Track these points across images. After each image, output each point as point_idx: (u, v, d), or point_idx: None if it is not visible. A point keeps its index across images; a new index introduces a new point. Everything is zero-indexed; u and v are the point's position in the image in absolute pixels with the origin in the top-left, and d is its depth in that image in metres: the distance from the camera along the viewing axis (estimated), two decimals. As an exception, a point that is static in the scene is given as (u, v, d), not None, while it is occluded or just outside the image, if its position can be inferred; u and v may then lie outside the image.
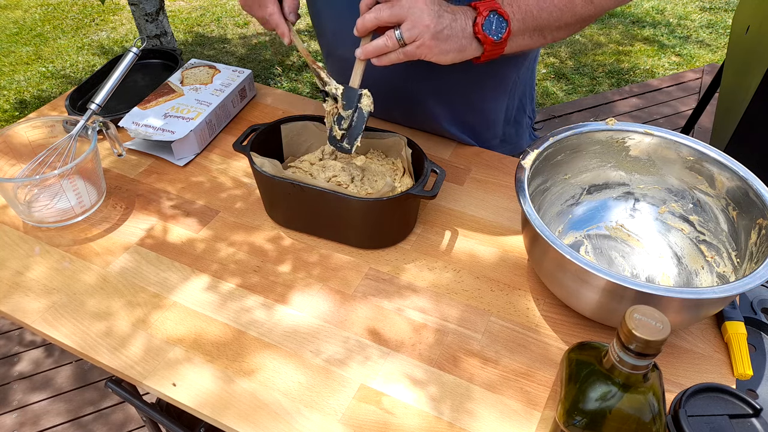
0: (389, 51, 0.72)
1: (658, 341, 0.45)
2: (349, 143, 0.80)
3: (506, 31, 0.72)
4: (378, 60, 0.73)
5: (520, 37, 0.75)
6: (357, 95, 0.78)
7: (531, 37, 0.76)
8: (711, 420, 0.57)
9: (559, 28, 0.77)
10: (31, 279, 0.76)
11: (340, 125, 0.79)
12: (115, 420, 1.60)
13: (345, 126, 0.79)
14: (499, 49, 0.73)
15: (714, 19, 3.64)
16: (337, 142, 0.81)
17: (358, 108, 0.78)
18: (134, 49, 0.91)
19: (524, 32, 0.75)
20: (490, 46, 0.72)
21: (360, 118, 0.79)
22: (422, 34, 0.69)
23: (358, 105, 0.78)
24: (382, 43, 0.71)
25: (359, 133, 0.79)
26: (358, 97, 0.78)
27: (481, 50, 0.73)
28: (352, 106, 0.78)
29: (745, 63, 1.68)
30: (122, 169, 0.94)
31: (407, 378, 0.66)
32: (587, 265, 0.62)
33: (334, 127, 0.80)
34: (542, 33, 0.77)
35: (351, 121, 0.79)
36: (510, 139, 1.06)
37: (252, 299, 0.74)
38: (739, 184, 0.72)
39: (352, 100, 0.78)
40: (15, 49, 3.25)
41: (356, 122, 0.79)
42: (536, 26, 0.75)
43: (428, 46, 0.70)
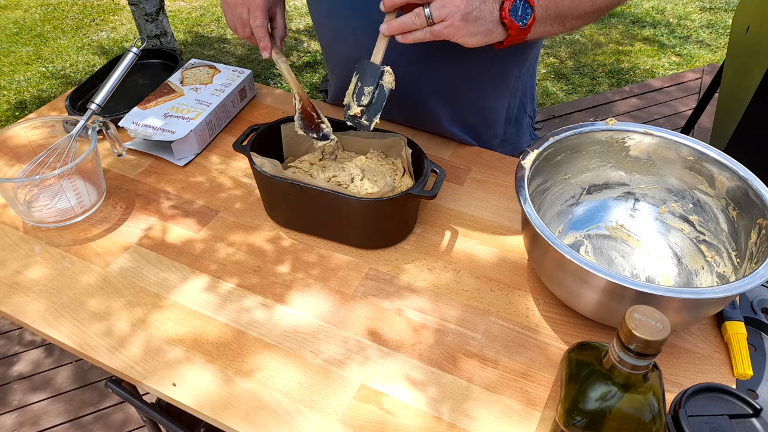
0: (416, 29, 0.70)
1: (658, 341, 0.45)
2: (368, 119, 0.79)
3: (531, 18, 0.72)
4: (403, 37, 0.72)
5: (542, 23, 0.75)
6: (379, 71, 0.77)
7: (552, 24, 0.76)
8: (711, 420, 0.57)
9: (578, 17, 0.77)
10: (31, 279, 0.76)
11: (359, 101, 0.78)
12: (115, 420, 1.60)
13: (365, 102, 0.78)
14: (524, 35, 0.73)
15: (714, 19, 3.64)
16: (355, 118, 0.79)
17: (380, 85, 0.77)
18: (134, 49, 0.91)
19: (547, 19, 0.75)
20: (515, 31, 0.72)
21: (381, 94, 0.78)
22: (452, 14, 0.68)
23: (380, 82, 0.77)
24: (410, 20, 0.70)
25: (380, 109, 0.78)
26: (380, 74, 0.77)
27: (505, 35, 0.73)
28: (374, 82, 0.77)
29: (745, 63, 1.68)
30: (122, 169, 0.94)
31: (407, 378, 0.66)
32: (587, 265, 0.62)
33: (352, 103, 0.78)
34: (563, 21, 0.77)
35: (372, 98, 0.78)
36: (510, 138, 1.06)
37: (252, 299, 0.74)
38: (739, 184, 0.72)
39: (374, 76, 0.77)
40: (15, 49, 3.25)
41: (377, 99, 0.78)
42: (558, 13, 0.75)
43: (456, 27, 0.69)
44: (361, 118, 0.79)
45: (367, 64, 0.77)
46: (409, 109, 0.98)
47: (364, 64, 0.77)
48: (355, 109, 0.78)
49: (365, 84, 0.77)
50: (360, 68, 0.78)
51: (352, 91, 0.78)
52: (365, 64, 0.77)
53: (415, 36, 0.71)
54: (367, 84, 0.77)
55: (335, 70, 1.02)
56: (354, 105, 0.78)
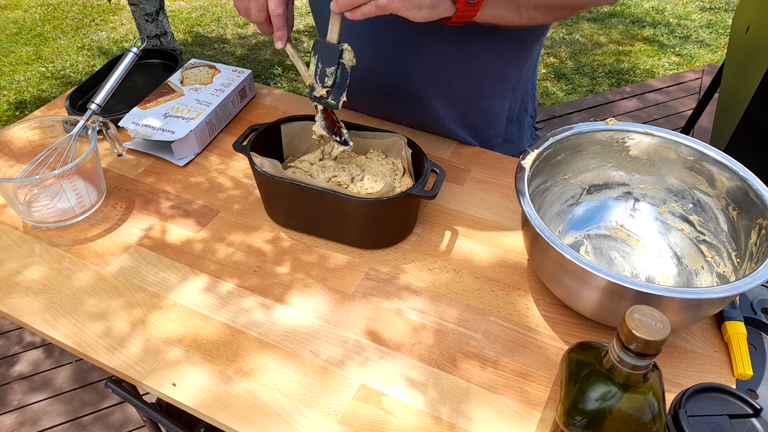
0: (362, 3, 0.69)
1: (658, 341, 0.45)
2: (335, 99, 0.78)
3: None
4: (351, 14, 0.70)
5: (494, 5, 0.73)
6: (338, 51, 0.76)
7: (506, 9, 0.75)
8: (711, 420, 0.57)
9: (537, 8, 0.76)
10: (31, 279, 0.76)
11: (323, 83, 0.78)
12: (115, 421, 1.60)
13: (329, 83, 0.77)
14: (472, 11, 0.71)
15: (714, 19, 3.64)
16: (321, 99, 0.79)
17: (341, 64, 0.77)
18: (134, 49, 0.91)
19: (500, 1, 0.73)
20: (463, 5, 0.70)
21: (344, 73, 0.77)
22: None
23: (341, 61, 0.76)
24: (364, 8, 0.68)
25: (345, 87, 0.78)
26: (340, 53, 0.76)
27: (453, 10, 0.71)
28: (335, 62, 0.76)
29: (745, 63, 1.68)
30: (122, 169, 0.94)
31: (407, 378, 0.66)
32: (587, 265, 0.62)
33: (316, 85, 0.78)
34: (518, 8, 0.75)
35: (335, 78, 0.77)
36: (512, 138, 1.06)
37: (251, 299, 0.74)
38: (739, 184, 0.72)
39: (333, 56, 0.76)
40: (15, 49, 3.25)
41: (340, 78, 0.77)
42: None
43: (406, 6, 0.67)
44: (328, 98, 0.78)
45: (324, 45, 0.76)
46: (412, 109, 0.98)
47: (322, 45, 0.76)
48: (321, 90, 0.78)
49: (326, 65, 0.77)
50: (318, 49, 0.77)
51: (313, 72, 0.78)
52: (322, 44, 0.76)
53: (363, 11, 0.69)
54: (328, 65, 0.77)
55: None
56: (318, 86, 0.78)
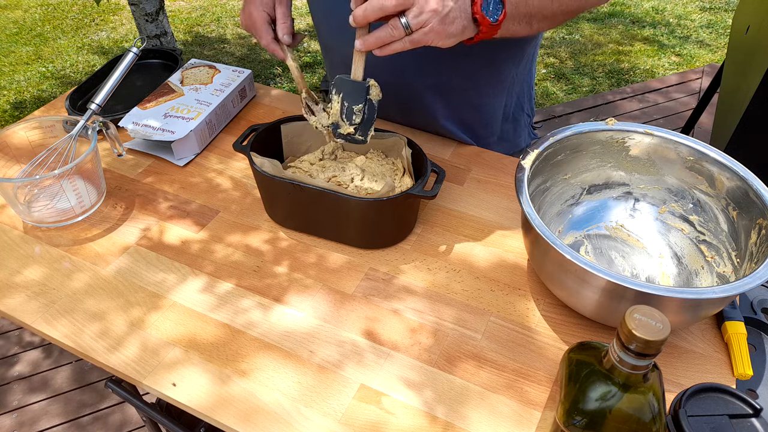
0: (394, 41, 0.69)
1: (658, 341, 0.45)
2: (363, 134, 0.78)
3: (502, 14, 0.70)
4: (381, 51, 0.70)
5: (511, 21, 0.74)
6: (365, 88, 0.76)
7: (520, 24, 0.76)
8: (711, 420, 0.57)
9: (545, 18, 0.77)
10: (31, 279, 0.76)
11: (351, 120, 0.78)
12: (114, 421, 1.60)
13: (357, 120, 0.77)
14: (494, 31, 0.72)
15: (714, 19, 3.64)
16: (348, 136, 0.79)
17: (368, 100, 0.77)
18: (134, 49, 0.91)
19: (516, 17, 0.74)
20: (487, 27, 0.70)
21: (371, 109, 0.77)
22: (430, 19, 0.66)
23: (368, 97, 0.76)
24: (387, 33, 0.68)
25: (372, 122, 0.78)
26: (366, 90, 0.76)
27: (477, 31, 0.71)
28: (363, 99, 0.76)
29: (745, 63, 1.68)
30: (122, 169, 0.94)
31: (407, 378, 0.66)
32: (587, 265, 0.61)
33: (341, 122, 0.78)
34: (530, 20, 0.77)
35: (363, 115, 0.77)
36: (508, 136, 1.06)
37: (251, 299, 0.74)
38: (739, 184, 0.72)
39: (360, 94, 0.76)
40: (15, 49, 3.25)
41: (368, 114, 0.77)
42: (526, 13, 0.75)
43: (437, 32, 0.67)
44: (355, 134, 0.78)
45: (349, 82, 0.76)
46: (407, 107, 0.98)
47: (345, 83, 0.76)
48: (348, 128, 0.78)
49: (353, 103, 0.77)
50: (341, 86, 0.77)
51: (338, 110, 0.78)
52: (346, 82, 0.76)
53: (394, 47, 0.69)
54: (355, 103, 0.77)
55: (335, 67, 1.02)
56: (345, 124, 0.78)
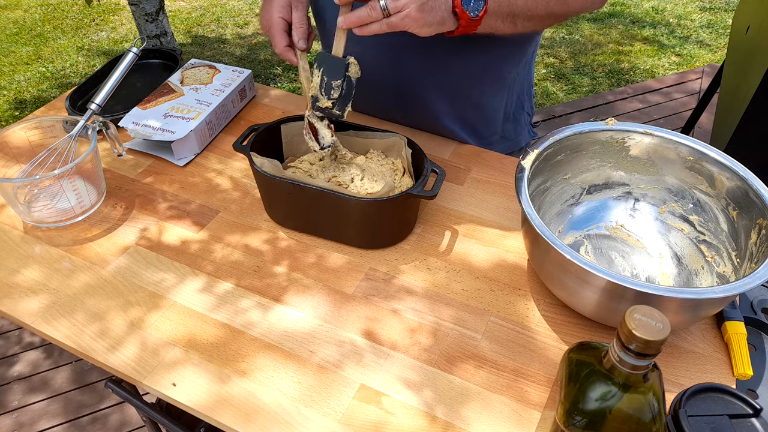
0: (372, 21, 0.70)
1: (658, 341, 0.45)
2: (341, 109, 0.80)
3: (483, 10, 0.72)
4: (359, 30, 0.71)
5: (493, 18, 0.75)
6: (345, 64, 0.77)
7: (503, 22, 0.77)
8: (711, 420, 0.57)
9: (530, 18, 0.78)
10: (31, 279, 0.76)
11: (329, 95, 0.79)
12: (113, 421, 1.60)
13: (335, 95, 0.79)
14: (474, 26, 0.73)
15: (714, 19, 3.64)
16: (326, 110, 0.80)
17: (347, 77, 0.78)
18: (134, 49, 0.91)
19: (498, 15, 0.75)
20: (466, 21, 0.72)
21: (349, 85, 0.79)
22: (408, 4, 0.68)
23: (347, 74, 0.78)
24: (366, 13, 0.69)
25: (350, 98, 0.79)
26: (346, 66, 0.77)
27: (456, 25, 0.72)
28: (342, 75, 0.78)
29: (745, 63, 1.68)
30: (122, 169, 0.94)
31: (407, 378, 0.66)
32: (587, 265, 0.61)
33: (320, 96, 0.79)
34: (514, 20, 0.77)
35: (341, 90, 0.79)
36: (509, 135, 1.06)
37: (251, 299, 0.74)
38: (739, 184, 0.72)
39: (340, 70, 0.78)
40: (15, 49, 3.25)
41: (346, 90, 0.79)
42: (510, 12, 0.76)
43: (413, 18, 0.69)
44: (333, 109, 0.80)
45: (330, 58, 0.77)
46: (409, 107, 0.98)
47: (327, 58, 0.78)
48: (326, 102, 0.79)
49: (333, 78, 0.78)
50: (323, 62, 0.78)
51: (317, 84, 0.79)
52: (328, 57, 0.78)
53: (372, 29, 0.70)
54: (334, 78, 0.78)
55: None
56: (323, 98, 0.79)
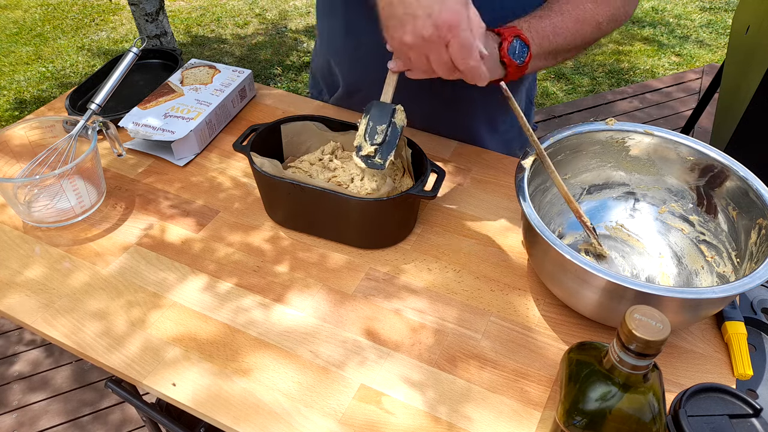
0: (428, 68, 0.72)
1: (658, 341, 0.45)
2: (383, 158, 0.77)
3: (528, 56, 0.76)
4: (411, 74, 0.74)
5: (536, 60, 0.78)
6: (391, 110, 0.77)
7: (545, 60, 0.81)
8: (711, 420, 0.57)
9: (569, 50, 0.82)
10: (31, 279, 0.76)
11: (372, 140, 0.77)
12: (114, 421, 1.60)
13: (378, 141, 0.77)
14: (521, 72, 0.77)
15: (714, 19, 3.64)
16: (368, 158, 0.78)
17: (392, 122, 0.77)
18: (134, 49, 0.91)
19: (540, 56, 0.79)
20: (514, 69, 0.75)
21: (394, 132, 0.77)
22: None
23: (392, 120, 0.77)
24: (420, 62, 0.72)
25: (393, 146, 0.77)
26: (392, 112, 0.77)
27: (504, 73, 0.76)
28: (387, 120, 0.77)
29: (745, 63, 1.68)
30: (122, 169, 0.94)
31: (407, 378, 0.66)
32: (587, 265, 0.62)
33: (364, 143, 0.77)
34: (555, 56, 0.81)
35: (385, 136, 0.77)
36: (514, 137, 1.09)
37: (251, 299, 0.74)
38: (739, 184, 0.72)
39: (385, 115, 0.77)
40: (15, 49, 3.25)
41: (390, 136, 0.77)
42: (551, 50, 0.79)
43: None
44: (375, 157, 0.77)
45: (377, 104, 0.78)
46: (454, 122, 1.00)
47: (375, 105, 0.78)
48: (368, 148, 0.77)
49: (377, 123, 0.77)
50: (370, 108, 0.78)
51: (363, 131, 0.78)
52: (376, 104, 0.78)
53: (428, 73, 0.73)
54: (379, 123, 0.77)
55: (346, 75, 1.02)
56: (366, 145, 0.77)
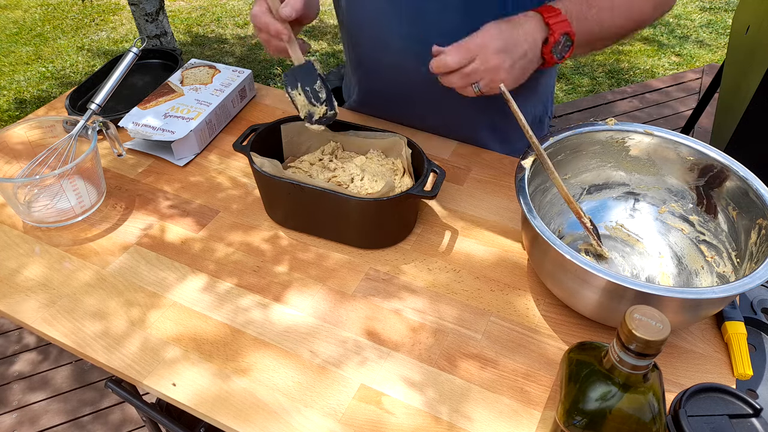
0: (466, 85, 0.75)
1: (658, 341, 0.45)
2: (331, 107, 0.81)
3: (569, 51, 0.75)
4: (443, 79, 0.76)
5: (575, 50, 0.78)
6: (312, 65, 0.79)
7: (582, 49, 0.79)
8: (711, 420, 0.57)
9: (604, 44, 0.81)
10: (31, 279, 0.76)
11: (319, 100, 0.80)
12: (114, 420, 1.60)
13: (323, 97, 0.80)
14: (554, 63, 0.76)
15: (714, 19, 3.64)
16: (323, 118, 0.81)
17: (319, 75, 0.80)
18: (134, 49, 0.91)
19: (579, 47, 0.78)
20: (550, 64, 0.76)
21: (325, 82, 0.80)
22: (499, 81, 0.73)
23: (318, 73, 0.80)
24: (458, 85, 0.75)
25: (331, 93, 0.81)
26: (314, 67, 0.80)
27: (540, 64, 0.76)
28: (316, 77, 0.80)
29: (745, 63, 1.68)
30: (122, 169, 0.94)
31: (407, 378, 0.66)
32: (587, 265, 0.61)
33: (312, 108, 0.80)
34: (591, 47, 0.80)
35: (326, 90, 0.80)
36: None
37: (251, 299, 0.74)
38: (739, 184, 0.72)
39: (312, 72, 0.80)
40: (15, 49, 3.25)
41: (327, 87, 0.81)
42: (589, 41, 0.78)
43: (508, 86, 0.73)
44: (327, 111, 0.80)
45: (298, 70, 0.80)
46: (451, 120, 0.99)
47: (296, 72, 0.80)
48: (321, 108, 0.80)
49: (311, 84, 0.80)
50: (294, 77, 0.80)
51: (304, 99, 0.80)
52: (295, 70, 0.80)
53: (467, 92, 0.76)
54: (312, 82, 0.80)
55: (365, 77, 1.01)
56: (316, 106, 0.80)
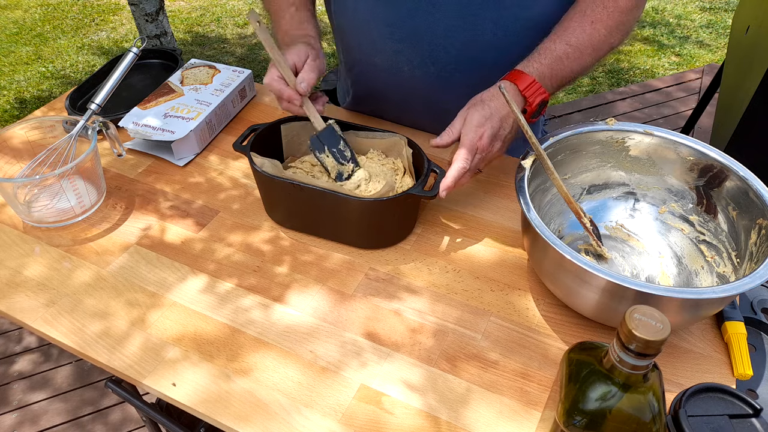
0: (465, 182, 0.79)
1: (658, 341, 0.45)
2: (356, 162, 0.84)
3: (543, 109, 0.80)
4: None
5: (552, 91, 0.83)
6: (332, 128, 0.83)
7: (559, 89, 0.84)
8: (711, 420, 0.57)
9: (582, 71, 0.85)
10: (31, 278, 0.76)
11: (345, 158, 0.83)
12: (114, 420, 1.60)
13: (348, 155, 0.84)
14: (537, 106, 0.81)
15: (714, 19, 3.64)
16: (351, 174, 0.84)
17: (341, 137, 0.84)
18: (134, 49, 0.91)
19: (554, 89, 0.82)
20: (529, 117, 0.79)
21: (346, 141, 0.84)
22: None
23: (339, 134, 0.83)
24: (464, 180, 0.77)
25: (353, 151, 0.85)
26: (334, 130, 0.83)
27: None
28: (338, 139, 0.83)
29: (745, 63, 1.68)
30: (122, 169, 0.94)
31: (407, 378, 0.66)
32: (587, 265, 0.61)
33: (343, 167, 0.83)
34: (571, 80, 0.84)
35: (349, 149, 0.84)
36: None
37: (251, 299, 0.74)
38: (739, 184, 0.72)
39: (334, 135, 0.83)
40: (15, 49, 3.25)
41: (348, 147, 0.84)
42: (561, 86, 0.82)
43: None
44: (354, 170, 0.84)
45: (321, 134, 0.83)
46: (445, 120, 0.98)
47: (322, 136, 0.83)
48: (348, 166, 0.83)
49: (335, 145, 0.83)
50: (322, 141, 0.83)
51: (333, 161, 0.83)
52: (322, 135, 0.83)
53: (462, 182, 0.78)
54: (336, 143, 0.83)
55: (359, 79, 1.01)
56: (345, 165, 0.83)
